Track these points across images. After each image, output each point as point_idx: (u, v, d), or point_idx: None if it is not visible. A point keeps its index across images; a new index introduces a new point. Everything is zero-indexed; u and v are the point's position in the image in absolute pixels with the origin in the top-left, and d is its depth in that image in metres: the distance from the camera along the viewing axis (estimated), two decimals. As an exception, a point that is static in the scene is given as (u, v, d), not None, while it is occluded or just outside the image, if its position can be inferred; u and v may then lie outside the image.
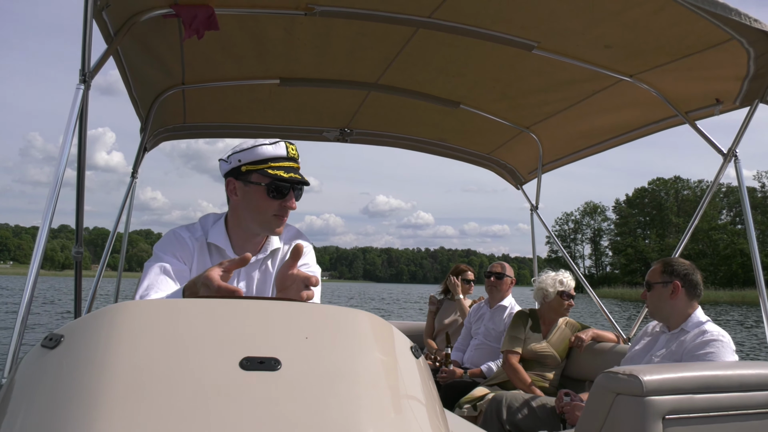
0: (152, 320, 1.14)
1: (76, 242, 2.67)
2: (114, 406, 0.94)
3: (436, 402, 1.24)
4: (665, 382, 2.26)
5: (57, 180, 2.08)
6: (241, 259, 1.55)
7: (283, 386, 1.01)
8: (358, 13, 2.86)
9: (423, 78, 3.72)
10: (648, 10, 2.63)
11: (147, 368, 1.01)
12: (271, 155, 1.95)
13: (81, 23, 2.21)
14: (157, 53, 3.19)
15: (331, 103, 4.16)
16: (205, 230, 2.09)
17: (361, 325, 1.26)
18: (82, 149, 2.44)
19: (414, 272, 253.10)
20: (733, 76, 2.97)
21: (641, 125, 3.84)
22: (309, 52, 3.35)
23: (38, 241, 2.03)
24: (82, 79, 2.27)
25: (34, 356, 1.15)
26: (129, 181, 4.03)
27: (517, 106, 4.02)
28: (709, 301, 47.96)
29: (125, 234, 4.32)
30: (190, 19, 2.63)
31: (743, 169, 3.18)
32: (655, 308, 2.99)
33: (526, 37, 3.03)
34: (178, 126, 4.31)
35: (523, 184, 5.10)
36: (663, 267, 2.98)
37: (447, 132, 4.65)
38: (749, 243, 3.07)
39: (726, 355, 2.70)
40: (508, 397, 3.37)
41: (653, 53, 3.05)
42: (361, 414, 1.01)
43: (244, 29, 3.04)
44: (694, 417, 2.27)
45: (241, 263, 1.56)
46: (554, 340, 3.89)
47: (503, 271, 4.58)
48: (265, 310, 1.23)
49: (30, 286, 1.95)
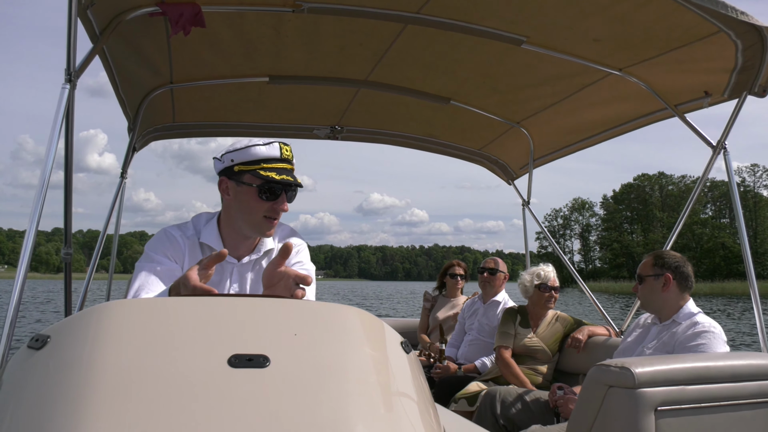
0: (139, 319, 1.13)
1: (65, 243, 2.65)
2: (101, 405, 0.93)
3: (427, 397, 1.23)
4: (657, 373, 2.28)
5: (44, 181, 2.06)
6: (217, 255, 1.52)
7: (272, 383, 1.00)
8: (346, 9, 2.85)
9: (413, 74, 3.71)
10: (636, 3, 2.64)
11: (134, 367, 1.00)
12: (264, 156, 1.93)
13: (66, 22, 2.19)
14: (145, 52, 3.17)
15: (321, 101, 4.14)
16: (197, 229, 2.07)
17: (350, 321, 1.26)
18: (69, 150, 2.42)
19: (409, 270, 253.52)
20: (722, 68, 2.99)
21: (631, 119, 3.85)
22: (298, 49, 3.34)
23: (25, 243, 2.01)
24: (67, 79, 2.25)
25: (20, 357, 1.14)
26: (118, 182, 4.01)
27: (507, 101, 4.02)
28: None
29: (115, 235, 4.30)
30: (176, 17, 2.61)
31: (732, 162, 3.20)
32: (647, 301, 3.00)
33: (515, 32, 3.03)
34: (167, 125, 4.28)
35: (515, 179, 5.11)
36: (654, 260, 2.99)
37: (438, 128, 4.65)
38: (739, 233, 3.09)
39: (717, 346, 2.71)
40: (502, 391, 3.38)
41: (642, 46, 3.06)
42: (351, 410, 1.01)
43: (232, 27, 3.02)
44: (686, 408, 2.29)
45: (217, 259, 1.53)
46: (544, 335, 3.91)
47: (496, 267, 4.59)
48: (254, 307, 1.23)
49: (18, 288, 1.93)
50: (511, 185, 5.13)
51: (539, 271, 4.02)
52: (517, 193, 5.04)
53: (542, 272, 4.00)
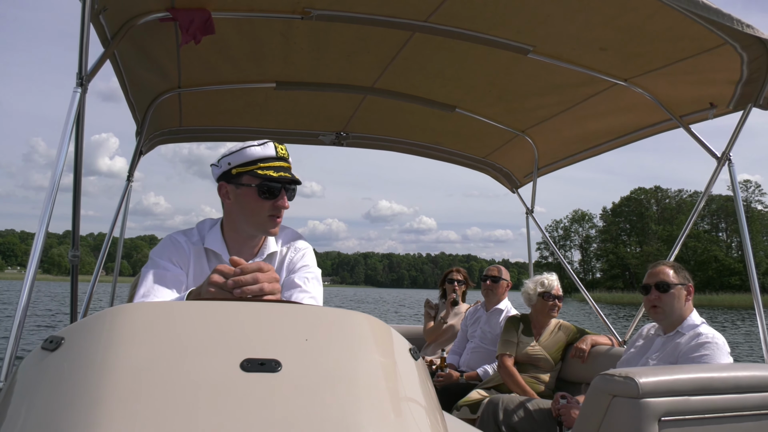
0: (153, 322, 1.14)
1: (72, 246, 2.66)
2: (115, 407, 0.94)
3: (434, 404, 1.24)
4: (661, 384, 2.28)
5: (54, 184, 2.08)
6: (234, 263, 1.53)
7: (284, 388, 1.01)
8: (354, 17, 2.87)
9: (419, 82, 3.73)
10: (642, 14, 2.65)
11: (148, 370, 1.01)
12: (260, 156, 1.95)
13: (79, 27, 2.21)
14: (154, 57, 3.19)
15: (327, 107, 4.16)
16: (201, 235, 2.09)
17: (360, 327, 1.27)
18: (78, 153, 2.44)
19: (415, 277, 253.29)
20: (727, 80, 3.00)
21: (636, 129, 3.86)
22: (305, 55, 3.36)
23: (35, 245, 2.03)
24: (79, 83, 2.27)
25: (34, 358, 1.15)
26: (125, 185, 4.03)
27: (512, 109, 4.04)
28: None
29: (120, 237, 4.31)
30: (186, 22, 2.64)
31: (737, 174, 3.21)
32: (671, 310, 2.90)
33: (521, 41, 3.04)
34: (174, 129, 4.31)
35: (519, 187, 5.12)
36: (675, 269, 2.95)
37: (443, 136, 4.67)
38: (743, 245, 3.08)
39: (721, 358, 2.71)
40: (504, 399, 3.38)
41: (648, 57, 3.07)
42: (361, 416, 1.02)
43: (241, 33, 3.05)
44: (690, 419, 2.29)
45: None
46: (546, 343, 3.91)
47: (499, 275, 4.59)
48: (265, 312, 1.24)
49: (26, 289, 1.94)
50: (515, 193, 5.14)
51: (542, 279, 4.02)
52: (521, 202, 5.05)
53: (545, 281, 4.01)
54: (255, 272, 1.48)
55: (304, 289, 1.99)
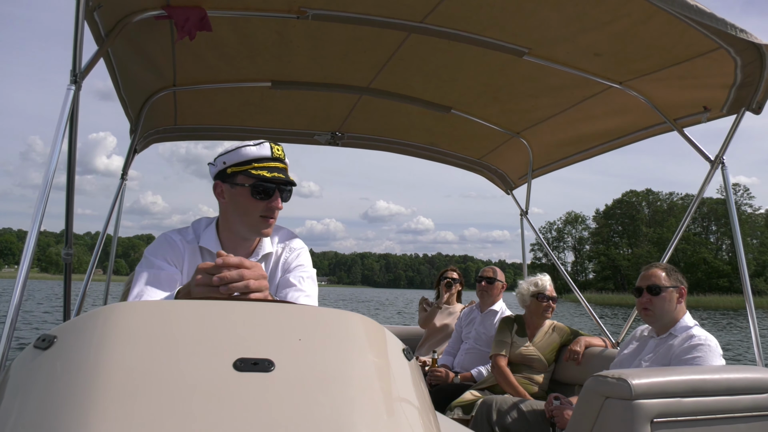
0: (146, 321, 1.14)
1: (66, 244, 2.65)
2: (107, 407, 0.93)
3: (427, 404, 1.24)
4: (654, 385, 2.29)
5: (47, 182, 2.06)
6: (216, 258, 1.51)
7: (277, 388, 1.01)
8: (350, 17, 2.87)
9: (415, 82, 3.74)
10: (637, 19, 2.67)
11: (141, 369, 1.00)
12: (255, 156, 1.94)
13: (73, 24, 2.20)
14: (149, 55, 3.18)
15: (322, 107, 4.16)
16: (197, 234, 2.08)
17: (353, 327, 1.27)
18: (72, 151, 2.43)
19: (411, 277, 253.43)
20: (721, 84, 3.02)
21: (630, 132, 3.88)
22: (301, 55, 3.36)
23: (27, 243, 2.01)
24: (72, 80, 2.26)
25: (26, 357, 1.14)
26: (119, 183, 4.01)
27: (507, 111, 4.05)
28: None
29: (114, 236, 4.30)
30: (182, 20, 2.63)
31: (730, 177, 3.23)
32: (662, 312, 2.91)
33: (517, 44, 3.05)
34: (169, 128, 4.29)
35: (514, 189, 5.13)
36: (667, 272, 2.96)
37: (438, 137, 4.67)
38: (735, 247, 3.10)
39: (713, 359, 2.72)
40: (498, 401, 3.38)
41: (642, 61, 3.09)
42: (354, 416, 1.02)
43: (237, 32, 3.04)
44: (682, 420, 2.30)
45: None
46: (540, 344, 3.92)
47: (494, 276, 4.60)
48: (259, 312, 1.23)
49: (19, 288, 1.93)
50: (509, 195, 5.15)
51: (536, 280, 4.04)
52: (516, 203, 5.06)
53: (540, 281, 4.02)
54: (239, 267, 1.46)
55: (300, 288, 1.99)
